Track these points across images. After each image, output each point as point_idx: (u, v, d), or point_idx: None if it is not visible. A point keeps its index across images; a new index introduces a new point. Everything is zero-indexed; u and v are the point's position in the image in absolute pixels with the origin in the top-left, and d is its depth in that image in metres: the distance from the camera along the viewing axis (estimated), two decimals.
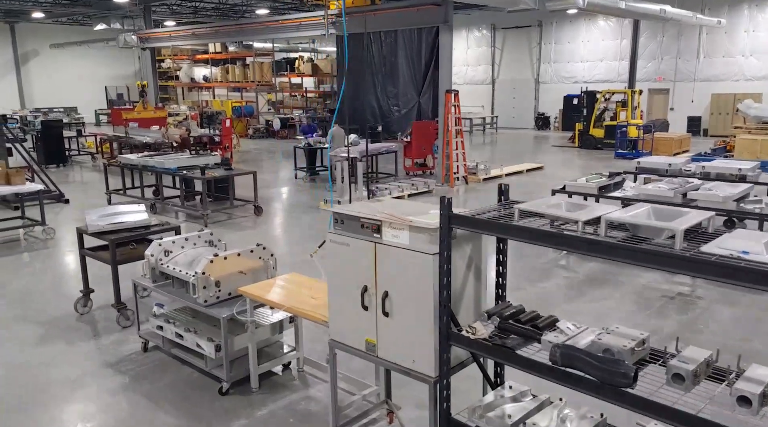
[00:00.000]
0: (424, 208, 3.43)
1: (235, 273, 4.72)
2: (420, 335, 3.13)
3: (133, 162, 11.38)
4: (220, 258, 4.60)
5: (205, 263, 4.53)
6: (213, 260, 4.56)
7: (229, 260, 4.68)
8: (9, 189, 9.02)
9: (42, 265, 8.15)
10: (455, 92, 13.80)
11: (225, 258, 4.64)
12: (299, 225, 10.31)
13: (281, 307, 4.14)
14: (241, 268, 4.76)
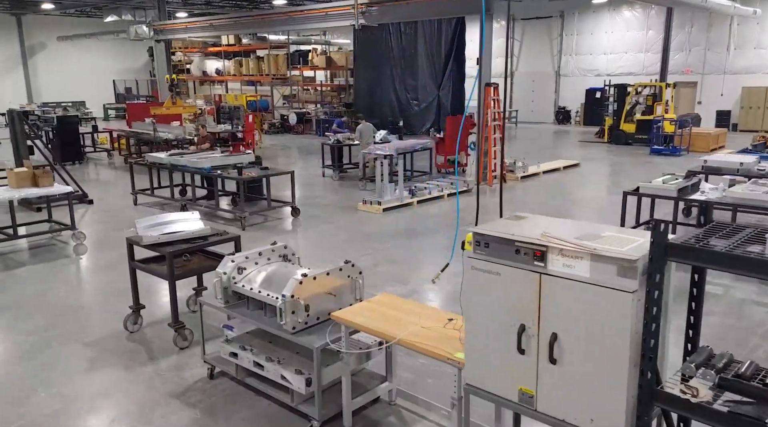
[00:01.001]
0: (586, 229, 2.84)
1: (323, 295, 4.14)
2: (604, 390, 2.54)
3: (161, 161, 10.79)
4: (309, 278, 4.02)
5: (294, 285, 3.95)
6: (302, 281, 3.98)
7: (317, 281, 4.09)
8: (37, 191, 8.43)
9: (78, 274, 7.58)
10: (495, 86, 13.18)
11: (314, 278, 4.06)
12: (342, 228, 9.72)
13: (391, 339, 3.56)
14: (329, 288, 4.18)
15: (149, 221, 5.61)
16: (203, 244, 5.42)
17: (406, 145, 12.93)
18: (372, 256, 8.05)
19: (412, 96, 25.38)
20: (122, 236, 9.58)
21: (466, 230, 3.10)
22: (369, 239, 8.96)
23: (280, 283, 4.25)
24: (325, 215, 10.59)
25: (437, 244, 8.62)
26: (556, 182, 13.60)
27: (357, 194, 12.40)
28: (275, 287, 4.25)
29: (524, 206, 11.08)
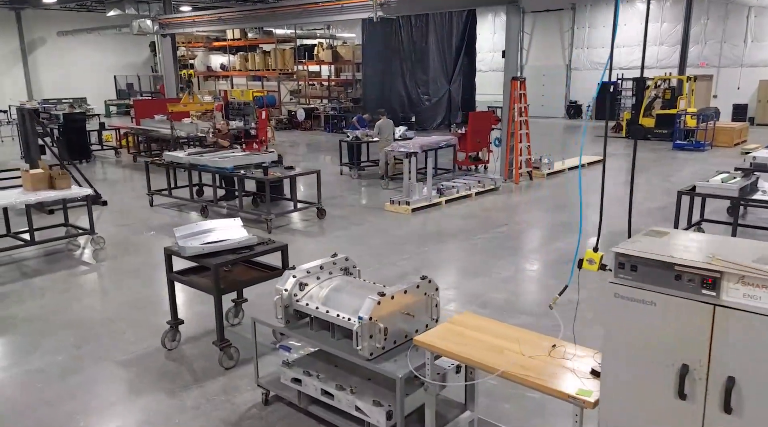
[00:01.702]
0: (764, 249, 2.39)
1: (400, 315, 3.70)
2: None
3: (179, 160, 10.32)
4: (387, 298, 3.57)
5: (372, 306, 3.50)
6: (380, 302, 3.53)
7: (395, 300, 3.65)
8: (54, 194, 7.95)
9: (101, 283, 7.11)
10: (522, 80, 12.72)
11: (392, 297, 3.61)
12: (373, 230, 9.26)
13: (491, 370, 3.11)
14: (406, 308, 3.73)
15: (189, 229, 5.15)
16: (250, 254, 4.97)
17: (431, 142, 12.47)
18: (411, 261, 7.60)
19: (423, 91, 24.89)
20: (142, 240, 9.23)
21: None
22: (404, 242, 8.51)
23: (349, 301, 3.81)
24: (351, 216, 10.13)
25: (477, 247, 8.17)
26: (587, 180, 13.13)
27: (380, 194, 11.95)
28: (344, 306, 3.81)
29: (559, 206, 10.64)
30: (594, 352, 3.15)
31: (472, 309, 5.89)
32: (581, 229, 7.13)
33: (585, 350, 3.19)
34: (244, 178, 9.66)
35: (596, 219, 3.68)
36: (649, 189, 11.93)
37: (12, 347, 5.37)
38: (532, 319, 5.70)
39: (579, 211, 6.76)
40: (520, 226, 9.25)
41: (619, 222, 8.55)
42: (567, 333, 3.47)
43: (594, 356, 3.13)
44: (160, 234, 9.18)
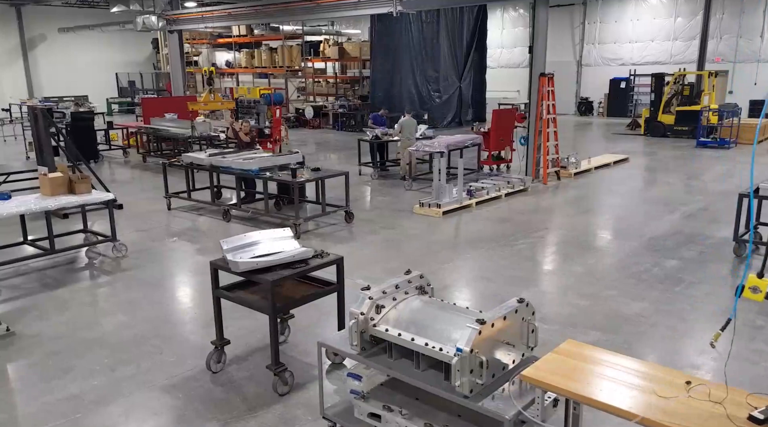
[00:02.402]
0: None
1: (499, 344, 3.27)
2: None
3: (200, 162, 9.86)
4: (487, 326, 3.14)
5: (472, 336, 3.07)
6: (481, 331, 3.09)
7: (495, 327, 3.22)
8: (75, 199, 7.49)
9: (128, 295, 6.66)
10: (550, 76, 12.29)
11: (492, 325, 3.18)
12: (406, 235, 8.83)
13: (629, 415, 2.68)
14: (505, 335, 3.30)
15: (236, 241, 4.71)
16: (306, 269, 4.53)
17: (456, 142, 12.03)
18: (455, 270, 7.18)
19: (434, 88, 24.42)
20: (165, 246, 8.73)
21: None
22: (442, 248, 8.08)
23: (435, 327, 3.39)
24: (380, 220, 9.69)
25: (521, 254, 7.74)
26: (613, 179, 12.73)
27: (405, 195, 11.52)
28: (430, 332, 3.38)
29: (596, 208, 10.22)
30: (746, 394, 2.72)
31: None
32: (750, 248, 6.74)
33: (736, 391, 2.76)
34: (269, 181, 9.20)
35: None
36: (684, 189, 11.52)
37: (41, 370, 4.93)
38: (605, 335, 5.28)
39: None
40: (560, 230, 8.82)
41: (666, 225, 8.12)
42: (698, 368, 3.05)
43: (747, 398, 2.70)
44: (183, 240, 8.74)
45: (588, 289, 6.44)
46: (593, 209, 10.13)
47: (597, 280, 6.71)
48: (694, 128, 18.05)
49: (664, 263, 7.18)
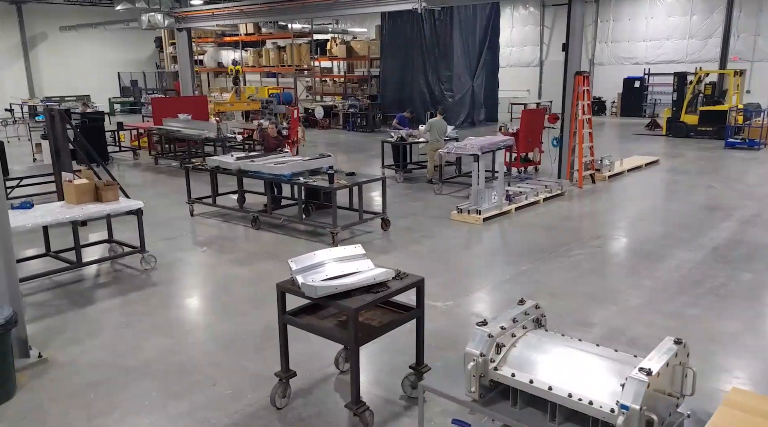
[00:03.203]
0: None
1: (662, 397, 2.76)
2: None
3: (227, 166, 9.32)
4: (654, 377, 2.63)
5: (641, 390, 2.56)
6: (649, 384, 2.58)
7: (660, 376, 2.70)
8: (103, 208, 6.95)
9: (165, 314, 6.12)
10: (586, 74, 11.79)
11: (658, 375, 2.67)
12: (449, 244, 8.32)
13: None
14: (665, 385, 2.79)
15: (306, 260, 4.19)
16: (389, 293, 4.01)
17: (490, 143, 11.49)
18: (516, 284, 6.66)
19: (446, 87, 23.87)
20: (195, 257, 8.07)
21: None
22: (494, 259, 7.59)
23: (574, 371, 2.88)
24: (417, 227, 9.18)
25: (581, 266, 7.24)
26: (650, 182, 12.24)
27: (435, 199, 11.02)
28: (568, 378, 2.87)
29: (644, 214, 9.70)
30: None
31: (622, 349, 4.96)
32: None
33: None
34: (303, 187, 8.67)
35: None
36: (729, 193, 11.03)
37: (83, 406, 4.40)
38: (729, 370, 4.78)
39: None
40: (614, 239, 8.32)
41: (724, 233, 7.55)
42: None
43: None
44: (213, 250, 8.20)
45: (667, 306, 5.94)
46: (641, 215, 9.63)
47: (673, 296, 6.21)
48: (719, 129, 17.60)
49: (739, 276, 6.69)
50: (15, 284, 4.89)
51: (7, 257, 4.80)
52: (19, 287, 4.95)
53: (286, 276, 4.15)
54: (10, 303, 4.78)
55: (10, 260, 4.82)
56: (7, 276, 4.81)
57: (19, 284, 4.95)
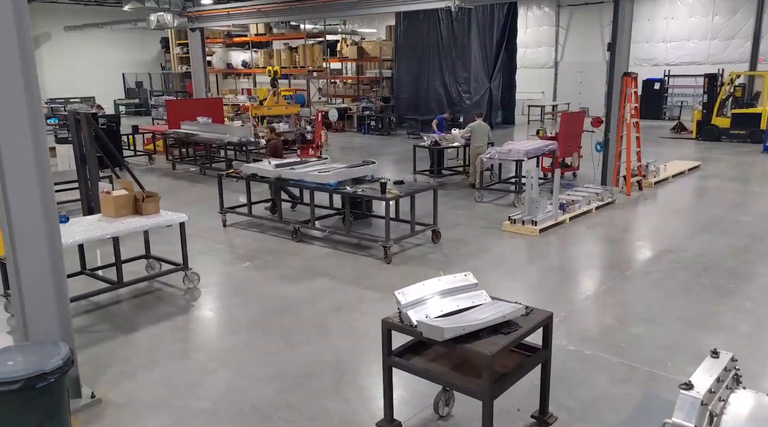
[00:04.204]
0: None
1: None
2: None
3: (266, 174, 8.71)
4: None
5: None
6: None
7: None
8: (144, 222, 6.35)
9: (223, 344, 5.51)
10: (634, 76, 11.23)
11: None
12: (510, 260, 7.75)
13: None
14: None
15: (413, 292, 3.61)
16: (521, 334, 3.42)
17: (535, 148, 10.94)
18: (605, 309, 6.07)
19: (464, 89, 23.31)
20: (239, 274, 7.29)
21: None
22: (566, 276, 7.00)
23: None
24: (469, 239, 8.59)
25: (664, 284, 6.66)
26: (700, 189, 11.67)
27: (477, 208, 10.45)
28: None
29: (712, 225, 9.10)
30: None
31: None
32: None
33: None
34: (349, 197, 8.06)
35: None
36: None
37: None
38: None
39: None
40: (688, 252, 7.72)
41: None
42: None
43: None
44: (257, 266, 7.59)
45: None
46: (706, 226, 9.03)
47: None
48: (752, 132, 17.08)
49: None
50: (67, 316, 4.28)
51: (59, 285, 4.20)
52: (71, 319, 4.34)
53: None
54: (62, 337, 4.18)
55: (61, 288, 4.22)
56: (58, 306, 4.21)
57: (70, 315, 4.34)
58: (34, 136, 3.92)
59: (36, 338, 4.14)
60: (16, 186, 3.90)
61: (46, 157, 3.99)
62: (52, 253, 4.12)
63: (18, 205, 3.91)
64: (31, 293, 4.09)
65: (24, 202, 3.95)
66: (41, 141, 3.97)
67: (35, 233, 4.03)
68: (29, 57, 3.85)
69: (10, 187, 3.87)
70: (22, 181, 3.91)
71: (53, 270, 4.15)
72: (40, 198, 4.00)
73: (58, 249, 4.16)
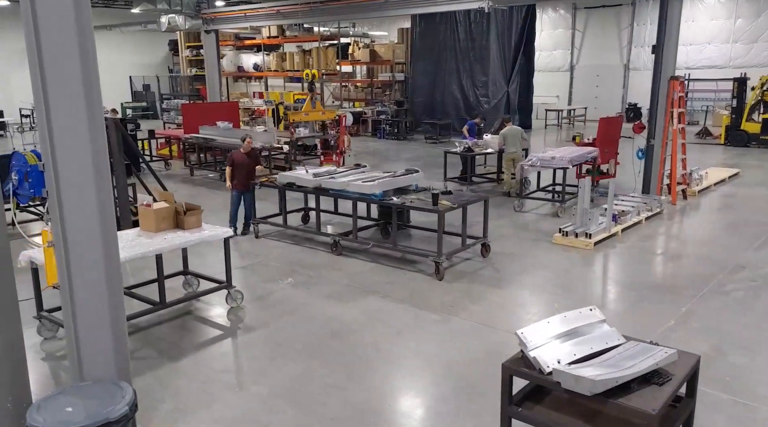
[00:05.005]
0: None
1: None
2: None
3: (304, 183, 8.21)
4: None
5: None
6: None
7: None
8: (186, 238, 5.84)
9: (283, 373, 5.00)
10: (681, 80, 10.76)
11: None
12: (568, 276, 7.26)
13: None
14: None
15: (537, 332, 3.11)
16: (676, 385, 2.92)
17: (578, 155, 10.45)
18: (694, 334, 5.57)
19: (482, 93, 22.85)
20: (283, 292, 6.72)
21: None
22: (638, 296, 6.49)
23: None
24: (519, 252, 8.10)
25: (757, 309, 6.16)
26: (747, 197, 11.17)
27: (518, 218, 9.98)
28: None
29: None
30: None
31: None
32: None
33: None
34: (397, 208, 7.56)
35: None
36: None
37: None
38: None
39: None
40: (764, 268, 7.22)
41: None
42: None
43: None
44: (300, 282, 7.09)
45: None
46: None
47: None
48: None
49: None
50: (125, 350, 3.79)
51: (117, 314, 3.70)
52: (128, 353, 3.84)
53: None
54: (119, 374, 3.69)
55: (120, 318, 3.72)
56: (115, 339, 3.71)
57: (128, 348, 3.83)
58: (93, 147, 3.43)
59: (91, 376, 3.65)
60: (72, 208, 3.41)
61: (107, 178, 3.50)
62: (109, 279, 3.63)
63: (74, 220, 3.43)
64: (86, 324, 3.60)
65: (80, 220, 3.46)
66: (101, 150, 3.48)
67: (93, 257, 3.54)
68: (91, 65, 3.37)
69: (67, 215, 3.39)
70: (81, 201, 3.43)
71: (110, 297, 3.66)
72: (99, 217, 3.51)
73: (116, 274, 3.66)
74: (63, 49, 3.28)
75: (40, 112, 3.38)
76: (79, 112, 3.37)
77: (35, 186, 8.37)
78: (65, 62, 3.30)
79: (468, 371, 4.89)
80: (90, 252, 3.50)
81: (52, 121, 3.36)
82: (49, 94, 3.32)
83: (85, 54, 3.31)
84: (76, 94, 3.34)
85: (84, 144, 3.41)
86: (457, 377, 4.82)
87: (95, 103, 3.43)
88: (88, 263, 3.52)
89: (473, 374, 4.83)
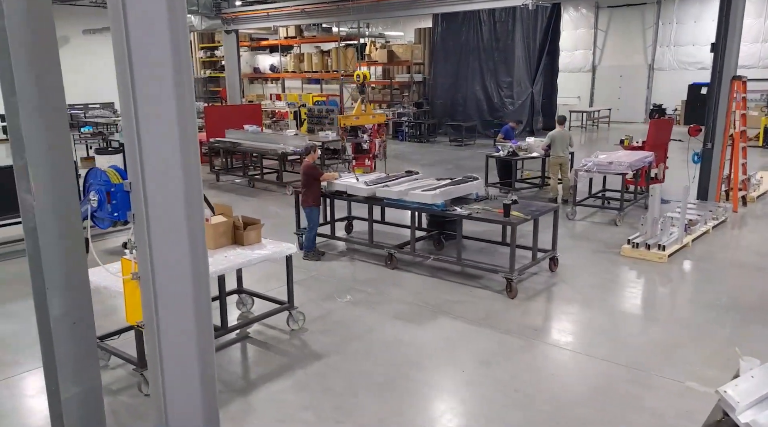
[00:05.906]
0: None
1: None
2: None
3: (356, 191, 7.66)
4: None
5: None
6: None
7: None
8: (247, 255, 5.29)
9: (364, 408, 4.46)
10: (744, 80, 10.19)
11: None
12: (655, 295, 6.70)
13: None
14: None
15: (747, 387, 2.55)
16: None
17: (636, 160, 9.88)
18: None
19: (507, 94, 22.27)
20: (343, 311, 6.17)
21: None
22: (735, 318, 5.93)
23: None
24: (587, 266, 7.54)
25: None
26: None
27: (575, 227, 9.42)
28: None
29: None
30: None
31: None
32: None
33: None
34: (459, 219, 7.00)
35: None
36: None
37: None
38: None
39: None
40: None
41: None
42: None
43: None
44: (358, 299, 6.54)
45: None
46: None
47: None
48: None
49: None
50: (214, 391, 3.23)
51: (205, 352, 3.15)
52: (217, 394, 3.28)
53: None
54: (207, 420, 3.15)
55: (209, 355, 3.17)
56: (202, 380, 3.15)
57: (217, 389, 3.28)
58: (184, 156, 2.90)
59: (177, 423, 3.11)
60: (161, 236, 2.87)
61: (200, 203, 2.96)
62: (198, 317, 3.09)
63: (163, 250, 2.89)
64: (172, 365, 3.06)
65: (170, 250, 2.92)
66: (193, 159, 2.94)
67: (181, 291, 2.99)
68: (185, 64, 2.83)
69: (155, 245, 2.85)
70: (172, 228, 2.89)
71: (199, 337, 3.11)
72: (189, 247, 2.97)
73: (206, 313, 3.12)
74: (155, 67, 2.75)
75: (129, 131, 2.85)
76: (170, 124, 2.83)
77: (120, 208, 7.32)
78: (156, 69, 2.76)
79: (584, 413, 4.33)
80: (179, 287, 2.96)
81: (142, 137, 2.82)
82: (139, 111, 2.79)
83: (179, 74, 2.78)
84: (166, 110, 2.80)
85: (175, 161, 2.87)
86: (571, 420, 4.27)
87: (187, 116, 2.89)
88: (177, 300, 2.98)
89: (590, 416, 4.27)
